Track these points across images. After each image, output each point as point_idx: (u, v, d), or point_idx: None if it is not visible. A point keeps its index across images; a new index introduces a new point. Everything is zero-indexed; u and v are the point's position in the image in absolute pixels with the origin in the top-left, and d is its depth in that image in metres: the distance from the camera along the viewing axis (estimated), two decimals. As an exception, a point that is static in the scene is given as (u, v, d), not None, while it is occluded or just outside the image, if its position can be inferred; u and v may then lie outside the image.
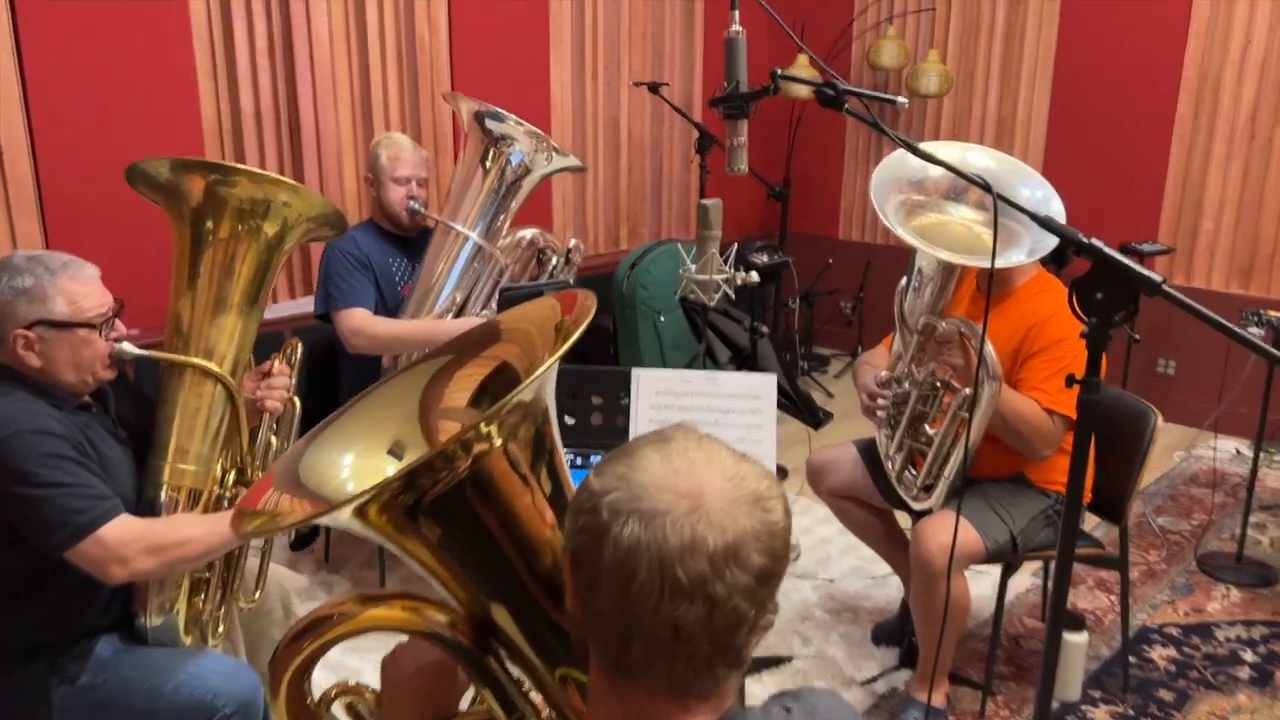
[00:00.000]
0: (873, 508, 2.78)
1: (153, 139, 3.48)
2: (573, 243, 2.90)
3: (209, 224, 1.85)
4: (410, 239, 2.88)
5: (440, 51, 4.29)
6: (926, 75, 4.83)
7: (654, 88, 4.41)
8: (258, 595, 2.00)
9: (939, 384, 2.37)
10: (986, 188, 1.64)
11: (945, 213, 2.28)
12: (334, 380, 2.94)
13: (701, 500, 0.88)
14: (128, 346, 1.77)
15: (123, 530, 1.65)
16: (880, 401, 2.45)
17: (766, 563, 0.89)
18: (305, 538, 3.16)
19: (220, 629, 1.94)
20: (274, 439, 2.03)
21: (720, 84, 2.00)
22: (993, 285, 2.20)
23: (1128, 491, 2.52)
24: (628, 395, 1.52)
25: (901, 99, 1.74)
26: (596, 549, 0.88)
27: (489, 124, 2.73)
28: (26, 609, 1.72)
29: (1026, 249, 2.20)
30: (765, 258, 3.92)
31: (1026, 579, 3.15)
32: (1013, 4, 4.88)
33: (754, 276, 2.02)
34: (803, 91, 5.12)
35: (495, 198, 2.75)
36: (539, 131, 2.80)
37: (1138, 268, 1.49)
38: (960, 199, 2.29)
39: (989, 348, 2.24)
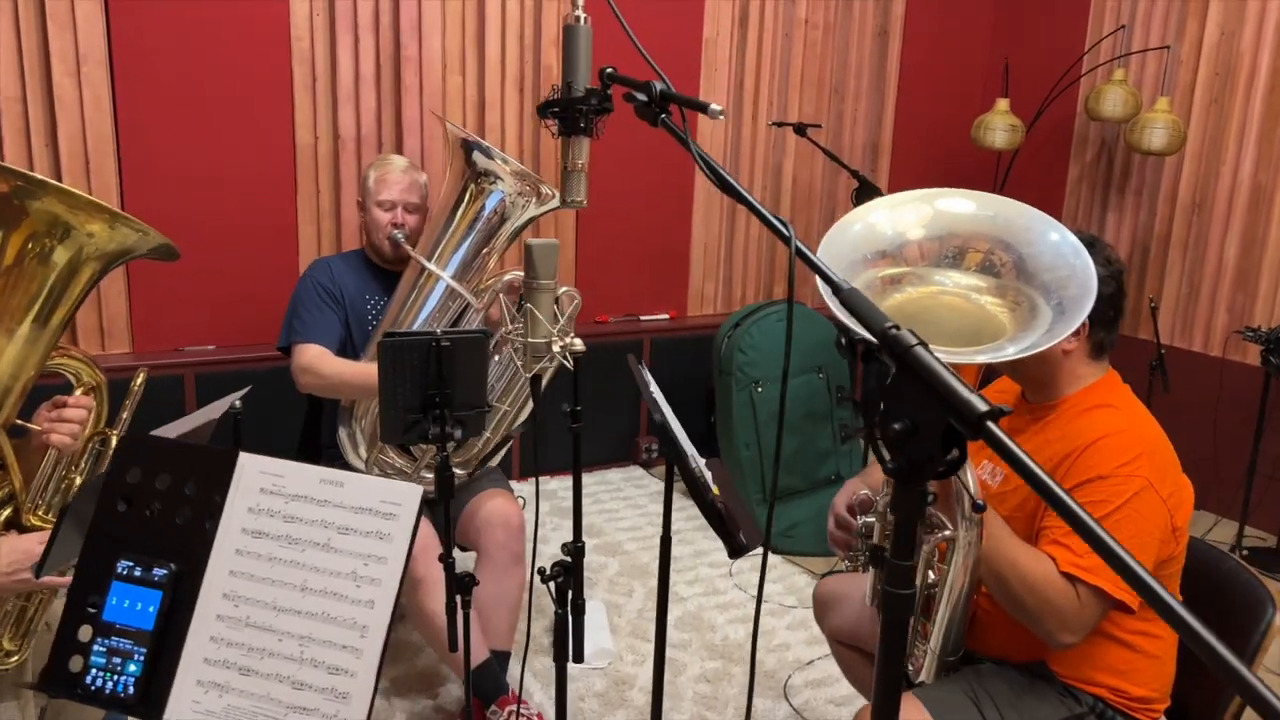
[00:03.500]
0: (882, 664, 2.12)
1: (242, 153, 3.47)
2: (563, 289, 2.48)
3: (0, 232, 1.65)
4: (395, 274, 2.58)
5: (568, 82, 4.03)
6: (1149, 128, 3.92)
7: (799, 129, 3.88)
8: (17, 645, 1.74)
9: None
10: (785, 237, 1.07)
11: (933, 283, 1.65)
12: (318, 418, 2.71)
13: None
14: None
15: None
16: (840, 534, 1.84)
17: None
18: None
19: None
20: (78, 478, 1.80)
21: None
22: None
23: (1219, 711, 1.71)
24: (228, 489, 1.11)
25: (715, 106, 1.20)
26: None
27: (475, 156, 2.39)
28: None
29: (1043, 328, 1.53)
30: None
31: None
32: (1281, 41, 3.88)
33: (578, 344, 1.52)
34: (999, 140, 4.37)
35: (472, 235, 2.41)
36: (529, 172, 2.44)
37: (960, 387, 0.88)
38: (956, 263, 1.65)
39: (970, 475, 1.59)
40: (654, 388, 1.88)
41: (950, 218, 1.62)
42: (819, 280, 1.03)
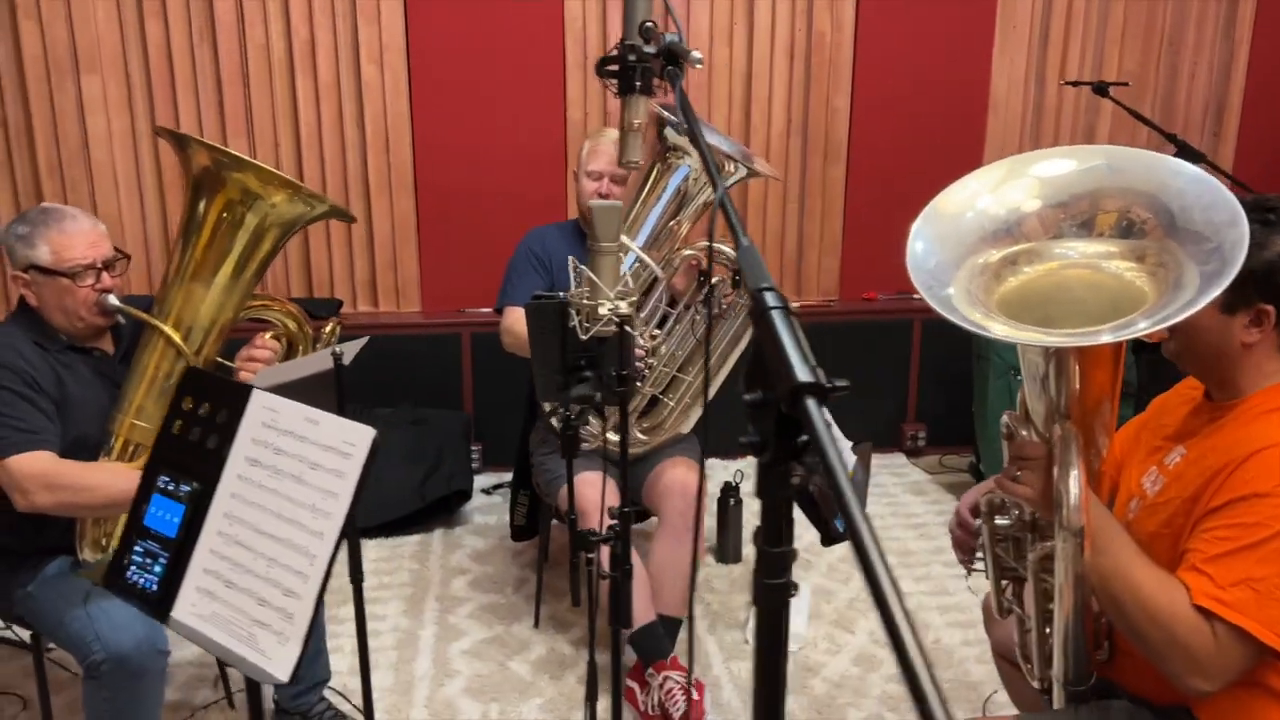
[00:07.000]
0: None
1: (519, 130, 3.74)
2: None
3: (204, 198, 1.93)
4: (604, 241, 2.66)
5: (843, 48, 3.90)
6: None
7: (1099, 88, 3.46)
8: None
9: (1025, 522, 1.51)
10: (715, 184, 0.98)
11: (1053, 257, 1.43)
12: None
13: None
14: (111, 299, 1.93)
15: (31, 464, 1.80)
16: (960, 534, 1.64)
17: None
18: (524, 529, 3.14)
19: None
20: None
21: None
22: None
23: None
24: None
25: (696, 54, 1.12)
26: None
27: (667, 131, 2.40)
28: (4, 518, 1.97)
29: (1183, 301, 1.26)
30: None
31: None
32: None
33: (623, 306, 1.47)
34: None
35: (660, 206, 2.42)
36: (721, 148, 2.39)
37: (793, 353, 0.77)
38: (1084, 229, 1.41)
39: (1073, 478, 1.36)
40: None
41: (1066, 179, 1.39)
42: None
